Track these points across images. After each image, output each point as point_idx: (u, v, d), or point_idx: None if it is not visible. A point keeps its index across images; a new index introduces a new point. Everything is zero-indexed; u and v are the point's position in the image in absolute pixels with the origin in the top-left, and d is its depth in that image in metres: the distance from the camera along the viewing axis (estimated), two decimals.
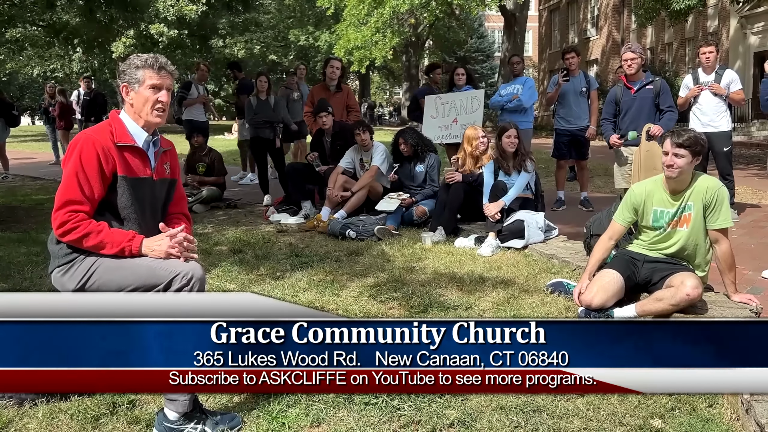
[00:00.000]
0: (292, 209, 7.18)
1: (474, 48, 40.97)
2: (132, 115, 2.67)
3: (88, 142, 2.54)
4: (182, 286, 2.46)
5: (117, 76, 2.73)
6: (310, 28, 32.98)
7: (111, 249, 2.52)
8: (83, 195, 2.50)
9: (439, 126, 7.91)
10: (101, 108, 14.71)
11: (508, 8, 23.50)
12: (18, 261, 5.11)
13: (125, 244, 2.52)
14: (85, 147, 2.53)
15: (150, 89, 2.62)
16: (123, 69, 2.66)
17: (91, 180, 2.51)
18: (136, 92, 2.63)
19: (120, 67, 2.69)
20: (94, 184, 2.52)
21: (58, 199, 2.52)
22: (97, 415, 2.66)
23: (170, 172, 2.80)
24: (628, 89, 6.20)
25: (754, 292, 4.15)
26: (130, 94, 2.64)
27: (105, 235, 2.51)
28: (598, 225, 4.55)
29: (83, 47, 23.50)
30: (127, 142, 2.61)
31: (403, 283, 4.43)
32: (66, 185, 2.51)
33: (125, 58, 2.83)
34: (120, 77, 2.66)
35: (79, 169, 2.50)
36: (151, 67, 2.63)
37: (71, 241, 2.51)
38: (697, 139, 3.63)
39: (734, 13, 23.60)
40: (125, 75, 2.64)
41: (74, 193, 2.49)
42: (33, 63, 29.31)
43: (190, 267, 2.51)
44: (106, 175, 2.55)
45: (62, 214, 2.49)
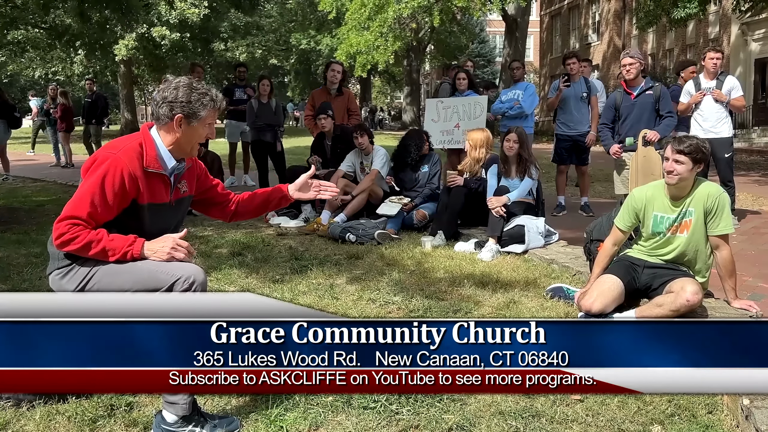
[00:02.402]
0: (293, 212, 7.17)
1: (475, 53, 41.05)
2: (167, 139, 2.59)
3: (116, 167, 2.46)
4: (184, 290, 2.44)
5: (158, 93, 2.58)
6: (311, 31, 33.07)
7: (113, 256, 2.46)
8: (90, 216, 2.44)
9: (441, 131, 7.91)
10: (102, 111, 14.74)
11: (510, 13, 23.53)
12: (17, 262, 5.11)
13: (126, 249, 2.47)
14: (112, 171, 2.45)
15: (207, 127, 2.59)
16: (183, 99, 2.52)
17: (105, 205, 2.45)
18: (191, 127, 2.56)
19: (176, 93, 2.52)
20: (107, 210, 2.46)
21: (65, 209, 2.46)
22: (94, 417, 2.65)
23: (187, 189, 2.76)
24: (627, 94, 6.21)
25: (755, 298, 4.14)
26: (183, 126, 2.55)
27: (106, 243, 2.45)
28: (599, 230, 4.55)
29: (85, 50, 23.58)
30: (156, 169, 2.55)
31: (402, 288, 4.43)
32: (78, 201, 2.44)
33: (128, 61, 2.80)
34: (176, 105, 2.52)
35: (97, 192, 2.44)
36: (216, 108, 2.59)
37: (74, 251, 2.45)
38: (698, 147, 3.62)
39: (735, 20, 23.64)
40: (186, 106, 2.52)
41: (82, 211, 2.43)
42: (35, 65, 29.40)
43: (191, 270, 2.47)
44: (125, 202, 2.50)
45: (62, 226, 2.43)
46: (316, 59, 34.16)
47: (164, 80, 2.72)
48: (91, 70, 29.29)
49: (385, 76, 41.77)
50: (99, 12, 13.39)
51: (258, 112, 8.21)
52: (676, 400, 2.81)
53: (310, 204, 7.17)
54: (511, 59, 17.15)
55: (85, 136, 14.81)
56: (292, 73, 40.94)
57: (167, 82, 2.61)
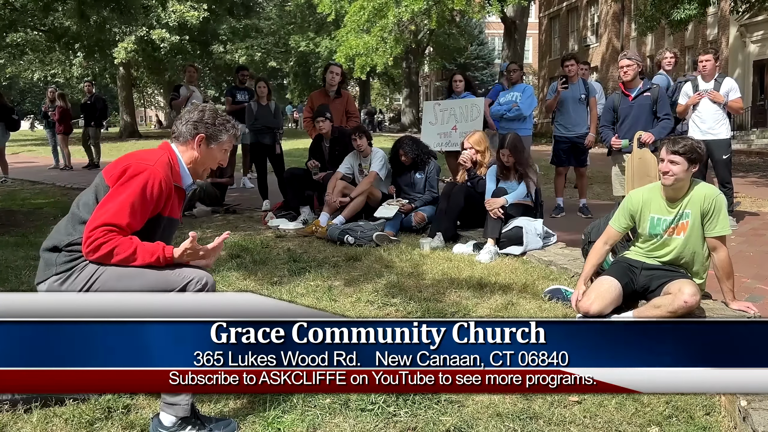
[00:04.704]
0: (291, 214, 7.17)
1: (474, 55, 41.09)
2: (185, 157, 2.69)
3: (156, 177, 2.51)
4: (198, 291, 2.46)
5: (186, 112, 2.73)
6: (310, 34, 33.11)
7: (143, 258, 2.46)
8: (128, 225, 2.46)
9: (438, 133, 7.92)
10: (101, 113, 14.75)
11: (509, 15, 23.57)
12: (16, 265, 5.10)
13: (159, 253, 2.48)
14: (152, 181, 2.50)
15: (223, 153, 2.72)
16: (208, 121, 2.67)
17: (142, 214, 2.50)
18: (210, 149, 2.69)
19: (201, 116, 2.68)
20: (142, 219, 2.51)
21: (100, 217, 2.44)
22: (91, 419, 2.65)
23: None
24: (625, 96, 6.24)
25: (753, 300, 4.15)
26: (202, 146, 2.67)
27: (137, 245, 2.46)
28: (597, 232, 4.55)
29: (84, 52, 23.59)
30: (180, 185, 2.65)
31: (400, 289, 4.43)
32: (118, 209, 2.44)
33: (127, 64, 2.86)
34: (200, 125, 2.66)
35: (138, 200, 2.47)
36: (235, 137, 2.74)
37: (101, 256, 2.44)
38: (693, 147, 3.63)
39: (734, 22, 23.68)
40: (210, 128, 2.68)
41: (122, 219, 2.44)
42: (33, 67, 29.39)
43: (202, 273, 2.51)
44: (154, 212, 2.55)
45: (98, 232, 2.42)
46: (315, 61, 34.19)
47: (192, 106, 2.84)
48: (89, 72, 29.32)
49: (384, 78, 41.80)
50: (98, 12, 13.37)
51: (257, 115, 8.22)
52: (674, 402, 2.81)
53: (309, 206, 7.18)
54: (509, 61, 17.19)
55: (83, 138, 14.82)
56: (291, 76, 40.98)
57: (194, 106, 2.77)
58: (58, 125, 14.39)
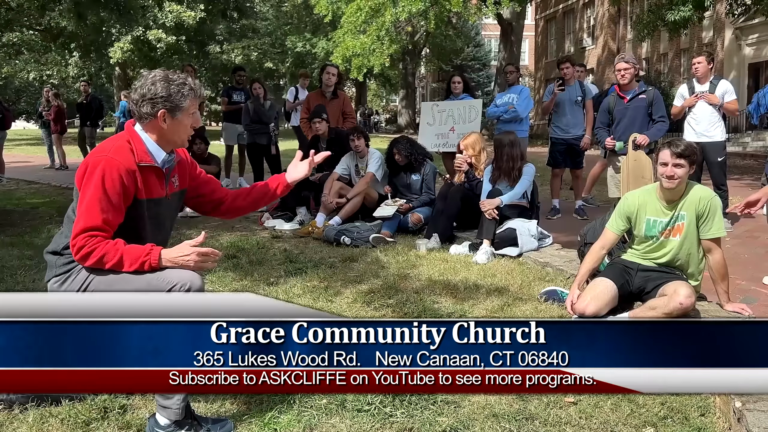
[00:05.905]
0: (288, 215, 7.17)
1: (471, 56, 41.13)
2: (153, 133, 2.57)
3: (111, 166, 2.44)
4: None
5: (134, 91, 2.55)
6: (307, 34, 33.09)
7: (130, 266, 2.43)
8: (105, 222, 2.42)
9: (435, 134, 7.93)
10: (97, 113, 14.72)
11: (505, 17, 23.62)
12: (11, 265, 5.09)
13: (143, 259, 2.43)
14: (109, 171, 2.43)
15: (191, 116, 2.58)
16: (163, 94, 2.49)
17: (113, 208, 2.43)
18: (176, 120, 2.54)
19: (154, 89, 2.49)
20: (116, 212, 2.45)
21: (77, 224, 2.42)
22: (87, 419, 2.64)
23: (179, 183, 2.75)
24: (621, 98, 6.27)
25: (748, 301, 4.17)
26: (167, 121, 2.53)
27: (123, 252, 2.42)
28: (592, 233, 4.57)
29: (80, 52, 23.55)
30: (148, 163, 2.53)
31: (397, 290, 4.44)
32: (87, 211, 2.41)
33: (123, 64, 2.79)
34: (157, 101, 2.49)
35: (102, 196, 2.41)
36: (197, 96, 2.58)
37: (92, 264, 2.42)
38: (692, 148, 3.69)
39: (729, 25, 23.77)
40: (168, 100, 2.50)
41: (96, 220, 2.40)
42: (29, 67, 29.32)
43: (188, 277, 2.44)
44: (128, 200, 2.48)
45: (80, 240, 2.40)
46: (312, 62, 34.17)
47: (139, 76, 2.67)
48: (85, 72, 29.25)
49: (380, 79, 41.80)
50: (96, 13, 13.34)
51: (253, 115, 8.24)
52: (669, 403, 2.83)
53: (305, 207, 7.18)
54: (506, 63, 17.22)
55: (80, 138, 14.78)
56: (288, 76, 40.95)
57: (142, 78, 2.57)
58: (53, 125, 14.35)
